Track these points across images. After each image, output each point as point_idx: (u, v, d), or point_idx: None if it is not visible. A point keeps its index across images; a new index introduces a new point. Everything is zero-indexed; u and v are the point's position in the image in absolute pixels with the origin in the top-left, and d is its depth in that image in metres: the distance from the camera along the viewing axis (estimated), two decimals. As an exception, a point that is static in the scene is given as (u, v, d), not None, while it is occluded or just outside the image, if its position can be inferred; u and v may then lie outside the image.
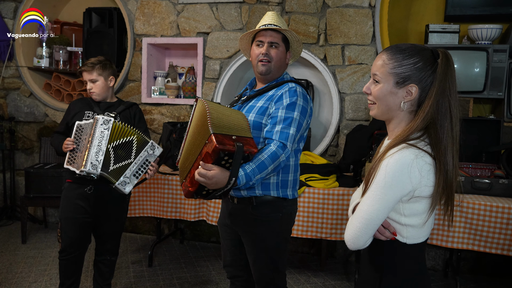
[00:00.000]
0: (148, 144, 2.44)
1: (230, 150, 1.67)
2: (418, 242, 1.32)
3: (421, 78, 1.26)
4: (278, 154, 1.82)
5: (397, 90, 1.28)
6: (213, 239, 4.10)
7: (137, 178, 2.41)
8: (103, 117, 2.36)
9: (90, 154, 2.31)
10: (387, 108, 1.31)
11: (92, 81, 2.53)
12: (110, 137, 2.35)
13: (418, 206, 1.27)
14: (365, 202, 1.27)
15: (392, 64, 1.28)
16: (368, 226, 1.26)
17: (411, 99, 1.28)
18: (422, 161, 1.22)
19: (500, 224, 2.74)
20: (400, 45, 1.31)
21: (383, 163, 1.23)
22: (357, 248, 1.30)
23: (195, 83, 4.06)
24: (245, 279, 2.15)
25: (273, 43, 1.98)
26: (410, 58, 1.27)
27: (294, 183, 2.01)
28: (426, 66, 1.26)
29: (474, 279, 3.43)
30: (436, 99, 1.24)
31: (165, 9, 4.05)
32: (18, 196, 4.50)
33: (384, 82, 1.30)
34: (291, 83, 1.98)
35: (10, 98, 4.55)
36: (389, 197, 1.23)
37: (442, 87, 1.24)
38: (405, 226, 1.29)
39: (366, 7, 3.60)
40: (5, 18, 4.45)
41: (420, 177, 1.22)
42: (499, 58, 3.28)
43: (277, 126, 1.86)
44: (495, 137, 3.29)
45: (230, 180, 1.70)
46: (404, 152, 1.22)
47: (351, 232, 1.28)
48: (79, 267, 2.56)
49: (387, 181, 1.22)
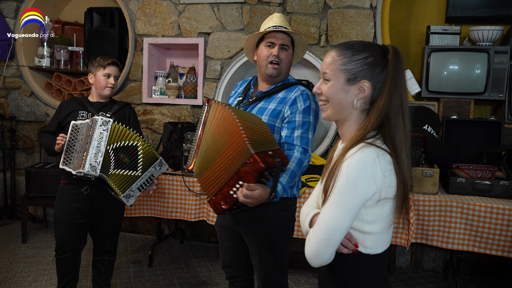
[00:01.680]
0: (157, 161, 2.40)
1: (272, 168, 1.69)
2: (381, 252, 1.24)
3: (373, 74, 1.21)
4: (303, 160, 1.91)
5: (349, 87, 1.23)
6: (213, 239, 4.10)
7: (140, 192, 2.39)
8: (102, 118, 2.33)
9: (89, 155, 2.27)
10: (340, 107, 1.25)
11: (116, 77, 2.57)
12: (109, 138, 2.31)
13: (382, 209, 1.20)
14: (327, 211, 1.17)
15: (342, 61, 1.23)
16: (334, 237, 1.16)
17: (364, 96, 1.22)
18: (383, 161, 1.16)
19: (501, 226, 2.74)
20: (348, 42, 1.27)
21: (344, 166, 1.16)
22: (321, 264, 1.20)
23: (196, 83, 4.06)
24: (244, 279, 2.15)
25: (284, 45, 2.00)
26: (360, 54, 1.22)
27: (299, 182, 2.06)
28: (376, 61, 1.22)
29: (474, 281, 3.43)
30: (388, 96, 1.19)
31: (166, 9, 4.05)
32: (19, 195, 4.50)
33: (335, 79, 1.24)
34: (300, 86, 2.02)
35: (11, 98, 4.55)
36: (354, 201, 1.14)
37: (394, 83, 1.19)
38: (368, 235, 1.21)
39: (367, 8, 3.61)
40: (6, 17, 4.45)
41: (383, 178, 1.16)
42: (500, 60, 3.28)
43: (296, 131, 1.93)
44: (496, 138, 3.29)
45: (270, 196, 1.74)
46: (364, 151, 1.15)
47: (314, 246, 1.18)
48: (75, 266, 2.56)
49: (350, 184, 1.14)
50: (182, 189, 3.25)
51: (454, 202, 2.84)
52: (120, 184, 2.31)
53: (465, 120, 3.36)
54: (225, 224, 2.09)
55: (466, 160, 3.29)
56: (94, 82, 2.54)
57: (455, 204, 2.83)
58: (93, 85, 2.57)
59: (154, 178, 2.40)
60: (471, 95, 3.38)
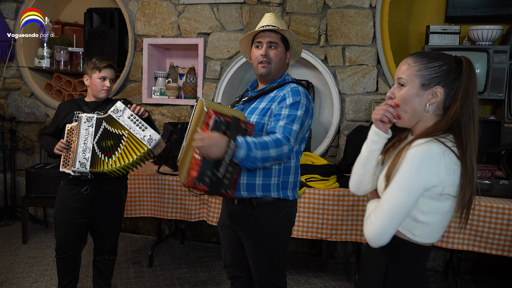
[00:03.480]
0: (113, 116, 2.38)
1: (226, 120, 1.72)
2: (428, 243, 1.31)
3: (446, 81, 1.29)
4: (282, 143, 1.79)
5: (423, 92, 1.30)
6: (213, 240, 4.11)
7: (146, 127, 2.36)
8: (86, 114, 2.39)
9: (78, 153, 2.34)
10: (413, 111, 1.32)
11: (111, 80, 2.58)
12: (95, 133, 2.37)
13: (441, 204, 1.26)
14: (390, 194, 1.24)
15: (418, 67, 1.31)
16: (395, 220, 1.23)
17: (437, 101, 1.30)
18: (449, 159, 1.22)
19: (501, 225, 2.74)
20: (424, 51, 1.35)
21: (410, 153, 1.23)
22: (380, 244, 1.26)
23: (196, 84, 4.06)
24: (245, 279, 2.15)
25: (272, 43, 1.98)
26: (435, 62, 1.30)
27: (294, 185, 2.01)
28: (450, 69, 1.29)
29: (474, 280, 3.43)
30: (460, 103, 1.27)
31: (166, 9, 4.06)
32: (19, 196, 4.51)
33: (410, 84, 1.31)
34: (292, 83, 1.98)
35: (11, 98, 4.55)
36: (416, 187, 1.21)
37: (467, 91, 1.27)
38: (420, 224, 1.27)
39: (367, 8, 3.61)
40: (6, 18, 4.45)
41: (447, 174, 1.22)
42: (500, 59, 3.28)
43: (281, 122, 1.86)
44: (495, 138, 3.29)
45: (229, 143, 1.68)
46: (431, 145, 1.22)
47: (376, 227, 1.25)
48: (76, 266, 2.57)
49: (415, 170, 1.21)
50: (182, 189, 3.25)
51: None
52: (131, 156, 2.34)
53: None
54: (225, 223, 2.10)
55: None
56: (90, 84, 2.56)
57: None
58: (88, 87, 2.58)
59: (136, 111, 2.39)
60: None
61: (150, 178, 3.33)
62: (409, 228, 1.28)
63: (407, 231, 1.29)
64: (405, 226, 1.29)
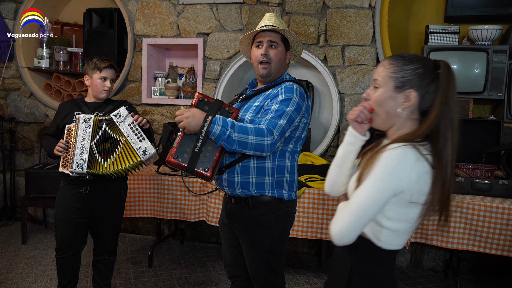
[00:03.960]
0: (114, 119, 2.39)
1: (210, 100, 1.86)
2: (392, 249, 1.29)
3: (421, 84, 1.26)
4: (264, 133, 1.78)
5: (396, 94, 1.28)
6: (213, 240, 4.10)
7: (144, 139, 2.38)
8: (84, 115, 2.38)
9: (75, 154, 2.35)
10: (386, 114, 1.30)
11: (112, 80, 2.58)
12: (93, 134, 2.37)
13: (408, 212, 1.24)
14: (360, 194, 1.22)
15: (393, 69, 1.29)
16: (361, 220, 1.21)
17: (409, 105, 1.27)
18: (421, 167, 1.20)
19: (500, 225, 2.74)
20: (402, 53, 1.33)
21: (384, 155, 1.21)
22: (344, 243, 1.25)
23: (195, 84, 4.06)
24: (245, 279, 2.14)
25: (272, 42, 1.98)
26: (411, 64, 1.28)
27: (290, 185, 2.00)
28: (426, 73, 1.27)
29: (474, 280, 3.43)
30: (439, 109, 1.24)
31: (165, 9, 4.05)
32: (18, 196, 4.50)
33: (384, 86, 1.30)
34: (288, 82, 1.98)
35: (11, 99, 4.55)
36: (386, 189, 1.19)
37: (446, 96, 1.24)
38: (385, 229, 1.26)
39: (366, 8, 3.61)
40: (6, 18, 4.45)
41: (416, 182, 1.20)
42: (499, 59, 3.28)
43: (268, 115, 1.85)
44: (495, 137, 3.29)
45: (206, 118, 1.76)
46: (407, 149, 1.20)
47: (342, 225, 1.23)
48: (75, 266, 2.57)
49: (388, 172, 1.19)
50: (182, 190, 3.25)
51: (454, 202, 2.84)
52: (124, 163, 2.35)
53: (464, 119, 3.36)
54: (225, 222, 2.10)
55: (465, 160, 3.28)
56: (91, 84, 2.56)
57: (454, 204, 2.83)
58: (89, 87, 2.58)
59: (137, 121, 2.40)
60: (470, 94, 3.38)
61: (149, 178, 3.33)
62: (374, 232, 1.28)
63: (372, 235, 1.28)
64: (370, 230, 1.28)
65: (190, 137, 1.80)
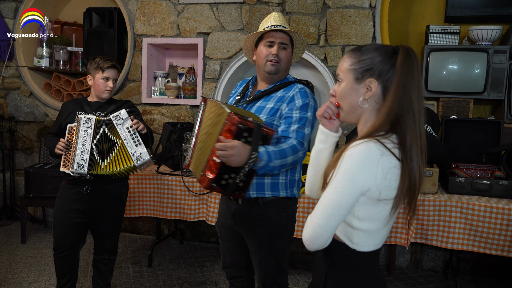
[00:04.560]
0: (113, 120, 2.40)
1: (249, 126, 1.70)
2: (368, 251, 1.24)
3: (380, 72, 1.22)
4: (298, 149, 1.85)
5: (357, 86, 1.25)
6: (213, 240, 4.10)
7: (140, 144, 2.39)
8: (85, 116, 2.39)
9: (76, 154, 2.35)
10: (350, 107, 1.27)
11: (115, 80, 2.57)
12: (94, 134, 2.38)
13: (378, 210, 1.20)
14: (325, 196, 1.18)
15: (351, 61, 1.26)
16: (330, 223, 1.16)
17: (371, 95, 1.23)
18: (387, 162, 1.16)
19: (500, 225, 2.74)
20: (361, 45, 1.30)
21: (346, 154, 1.17)
22: (316, 248, 1.21)
23: (195, 84, 4.06)
24: (244, 279, 2.15)
25: (283, 44, 2.00)
26: (368, 54, 1.25)
27: (298, 182, 2.05)
28: (384, 59, 1.22)
29: (474, 280, 3.43)
30: (397, 94, 1.18)
31: (165, 9, 4.05)
32: (18, 196, 4.50)
33: (345, 79, 1.27)
34: (299, 84, 2.01)
35: (10, 98, 4.55)
36: (352, 189, 1.15)
37: (403, 81, 1.18)
38: (356, 231, 1.22)
39: (367, 8, 3.60)
40: (6, 18, 4.45)
41: (383, 179, 1.16)
42: (500, 59, 3.28)
43: (293, 126, 1.90)
44: (495, 138, 3.29)
45: (252, 155, 1.69)
46: (370, 145, 1.16)
47: (311, 229, 1.18)
48: (73, 265, 2.57)
49: (349, 172, 1.14)
50: (182, 189, 3.25)
51: (454, 202, 2.84)
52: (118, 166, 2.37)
53: (465, 120, 3.36)
54: (225, 224, 2.09)
55: (465, 160, 3.28)
56: (93, 84, 2.56)
57: (454, 204, 2.83)
58: (91, 87, 2.58)
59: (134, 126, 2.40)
60: (470, 95, 3.38)
61: (149, 178, 3.32)
62: (347, 234, 1.23)
63: (345, 237, 1.24)
64: (343, 233, 1.24)
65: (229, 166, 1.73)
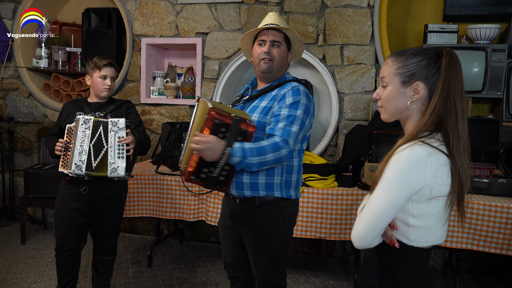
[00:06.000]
0: (109, 125, 2.41)
1: (226, 122, 1.73)
2: (425, 246, 1.29)
3: (427, 75, 1.27)
4: (280, 147, 1.81)
5: (404, 89, 1.29)
6: (212, 239, 4.10)
7: (123, 158, 2.40)
8: (83, 116, 2.39)
9: (74, 155, 2.36)
10: (396, 110, 1.32)
11: (112, 78, 2.57)
12: (92, 135, 2.38)
13: (431, 207, 1.24)
14: (374, 198, 1.24)
15: (397, 65, 1.30)
16: (377, 223, 1.23)
17: (419, 97, 1.28)
18: (435, 161, 1.21)
19: (499, 224, 2.74)
20: (404, 49, 1.34)
21: (393, 159, 1.23)
22: (364, 247, 1.27)
23: (194, 84, 4.06)
24: (245, 279, 2.15)
25: (275, 41, 1.98)
26: (413, 58, 1.29)
27: (297, 184, 2.01)
28: (430, 63, 1.27)
29: (473, 279, 3.43)
30: (442, 96, 1.24)
31: (164, 9, 4.05)
32: (17, 196, 4.50)
33: (391, 84, 1.31)
34: (293, 82, 1.98)
35: (9, 99, 4.54)
36: (399, 192, 1.20)
37: (447, 83, 1.24)
38: (412, 228, 1.26)
39: (365, 7, 3.60)
40: (4, 18, 4.45)
41: (433, 177, 1.20)
42: (498, 58, 3.29)
43: (280, 123, 1.86)
44: (494, 136, 3.29)
45: (225, 150, 1.72)
46: (415, 148, 1.21)
47: (359, 229, 1.25)
48: (75, 266, 2.57)
49: (397, 176, 1.20)
50: (181, 189, 3.25)
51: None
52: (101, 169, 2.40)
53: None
54: (226, 223, 2.09)
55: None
56: (91, 84, 2.56)
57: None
58: (90, 87, 2.58)
59: (123, 139, 2.41)
60: (469, 93, 3.38)
61: (148, 178, 3.32)
62: (403, 233, 1.27)
63: (401, 236, 1.28)
64: (399, 232, 1.28)
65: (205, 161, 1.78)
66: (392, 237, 1.27)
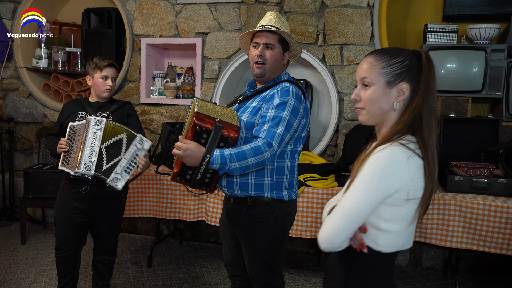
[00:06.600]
0: (136, 139, 2.43)
1: (207, 128, 1.76)
2: (393, 252, 1.26)
3: (411, 76, 1.25)
4: (262, 150, 1.80)
5: (389, 90, 1.25)
6: (212, 239, 4.10)
7: (128, 174, 2.42)
8: (95, 117, 2.39)
9: (83, 155, 2.35)
10: (380, 111, 1.27)
11: (114, 79, 2.58)
12: (103, 137, 2.38)
13: (405, 210, 1.21)
14: (348, 198, 1.19)
15: (381, 65, 1.26)
16: (350, 224, 1.17)
17: (404, 98, 1.25)
18: (413, 164, 1.19)
19: (499, 224, 2.74)
20: (383, 48, 1.32)
21: (371, 158, 1.19)
22: (331, 249, 1.21)
23: (194, 84, 4.06)
24: (245, 278, 2.15)
25: (268, 44, 1.98)
26: (397, 57, 1.26)
27: (290, 185, 2.00)
28: (412, 64, 1.25)
29: (473, 279, 3.44)
30: (422, 96, 1.23)
31: (163, 9, 4.05)
32: (17, 197, 4.50)
33: (375, 84, 1.26)
34: (285, 82, 1.97)
35: (9, 99, 4.54)
36: (375, 192, 1.16)
37: (428, 85, 1.24)
38: (383, 232, 1.22)
39: (365, 7, 3.61)
40: (4, 18, 4.44)
41: (411, 180, 1.18)
42: (498, 58, 3.29)
43: (266, 125, 1.86)
44: (493, 136, 3.29)
45: (205, 157, 1.75)
46: (394, 149, 1.18)
47: (329, 230, 1.19)
48: (75, 265, 2.57)
49: (375, 175, 1.16)
50: (181, 189, 3.25)
51: (453, 200, 2.84)
52: (107, 173, 2.40)
53: (463, 118, 3.37)
54: (226, 222, 2.10)
55: (464, 158, 3.29)
56: (92, 84, 2.56)
57: (453, 202, 2.84)
58: (91, 87, 2.58)
59: (138, 158, 2.43)
60: (468, 93, 3.38)
61: (148, 178, 3.32)
62: (372, 237, 1.23)
63: (369, 240, 1.24)
64: (367, 236, 1.24)
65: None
66: (362, 241, 1.23)
